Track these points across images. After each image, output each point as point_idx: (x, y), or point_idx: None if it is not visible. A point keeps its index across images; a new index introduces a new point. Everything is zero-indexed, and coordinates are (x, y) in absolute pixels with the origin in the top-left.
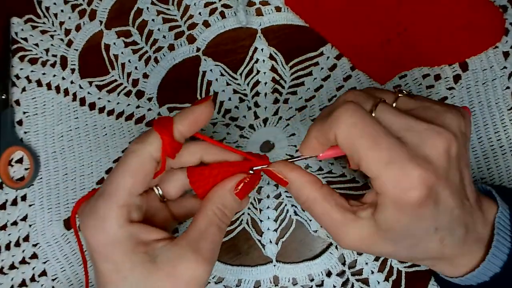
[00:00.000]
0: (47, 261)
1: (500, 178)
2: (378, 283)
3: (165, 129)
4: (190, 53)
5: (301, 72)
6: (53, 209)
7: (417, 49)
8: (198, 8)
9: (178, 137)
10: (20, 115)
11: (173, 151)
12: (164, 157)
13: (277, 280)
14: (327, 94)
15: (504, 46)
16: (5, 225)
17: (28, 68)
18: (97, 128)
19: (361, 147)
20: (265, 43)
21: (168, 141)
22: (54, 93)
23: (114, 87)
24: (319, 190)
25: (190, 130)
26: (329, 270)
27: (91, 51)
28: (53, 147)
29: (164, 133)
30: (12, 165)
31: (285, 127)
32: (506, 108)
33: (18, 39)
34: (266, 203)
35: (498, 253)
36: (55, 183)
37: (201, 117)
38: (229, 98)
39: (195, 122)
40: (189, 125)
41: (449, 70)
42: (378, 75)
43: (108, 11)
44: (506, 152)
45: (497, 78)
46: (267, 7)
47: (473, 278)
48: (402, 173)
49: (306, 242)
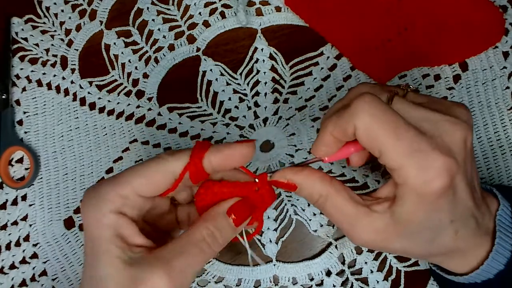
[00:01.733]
0: (47, 260)
1: (500, 178)
2: (377, 282)
3: (197, 152)
4: (190, 53)
5: (301, 72)
6: (53, 209)
7: (417, 49)
8: (198, 8)
9: (206, 165)
10: (20, 115)
11: (194, 176)
12: (181, 177)
13: (277, 279)
14: (327, 94)
15: (504, 46)
16: (6, 225)
17: (28, 68)
18: (97, 128)
19: (383, 137)
20: (265, 43)
21: (194, 163)
22: (55, 93)
23: (114, 87)
24: (330, 185)
25: (221, 164)
26: (328, 270)
27: (92, 51)
28: (53, 147)
29: (195, 154)
30: (13, 165)
31: (285, 127)
32: (506, 108)
33: (19, 39)
34: None
35: (502, 249)
36: (55, 183)
37: (236, 155)
38: (229, 98)
39: (229, 158)
40: (221, 159)
41: (449, 70)
42: (378, 75)
43: (108, 11)
44: (506, 152)
45: (497, 78)
46: (267, 7)
47: (478, 276)
48: (426, 162)
49: (306, 241)
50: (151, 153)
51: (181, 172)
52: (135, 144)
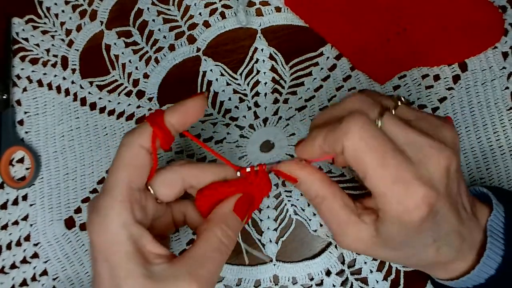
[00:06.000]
0: (48, 260)
1: (499, 178)
2: (377, 282)
3: (155, 120)
4: (191, 53)
5: (301, 72)
6: (54, 208)
7: (417, 49)
8: (199, 8)
9: (169, 127)
10: (21, 115)
11: (164, 142)
12: (154, 146)
13: (277, 279)
14: (326, 94)
15: (503, 46)
16: (6, 225)
17: (29, 68)
18: (97, 128)
19: (369, 163)
20: (265, 43)
21: (158, 131)
22: (55, 93)
23: (114, 87)
24: (328, 188)
25: (180, 122)
26: (328, 269)
27: (92, 51)
28: (54, 147)
29: (154, 123)
30: (13, 165)
31: (285, 127)
32: (505, 109)
33: (19, 40)
34: (266, 202)
35: (493, 255)
36: (56, 182)
37: (191, 110)
38: (229, 98)
39: (185, 116)
40: (178, 118)
41: (448, 71)
42: (377, 75)
43: (108, 11)
44: (505, 153)
45: (496, 78)
46: (267, 8)
47: (469, 281)
48: (406, 193)
49: (306, 241)
50: None
51: (151, 144)
52: None
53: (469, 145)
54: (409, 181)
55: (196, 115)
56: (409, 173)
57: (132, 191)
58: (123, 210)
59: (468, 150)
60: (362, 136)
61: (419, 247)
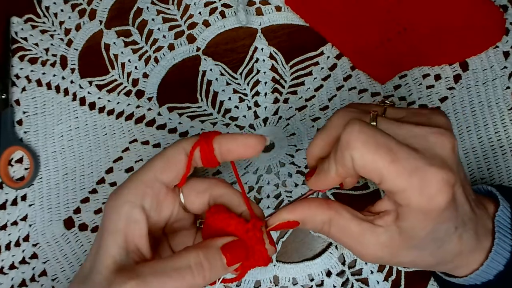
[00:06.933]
0: (47, 261)
1: (500, 178)
2: (377, 283)
3: (207, 134)
4: (190, 53)
5: (301, 72)
6: (53, 209)
7: (417, 49)
8: (198, 7)
9: (216, 147)
10: (20, 114)
11: (204, 156)
12: (192, 152)
13: (277, 279)
14: (327, 94)
15: (504, 45)
16: (5, 225)
17: (28, 67)
18: (97, 127)
19: (380, 162)
20: (265, 43)
21: (202, 142)
22: (54, 92)
23: (114, 87)
24: (329, 209)
25: (229, 149)
26: (329, 270)
27: (91, 51)
28: (53, 147)
29: (204, 135)
30: (12, 165)
31: (285, 127)
32: (507, 108)
33: (18, 39)
34: (266, 203)
35: (501, 250)
36: (55, 183)
37: (245, 145)
38: (229, 98)
39: (237, 146)
40: (230, 143)
41: (449, 70)
42: (378, 75)
43: (108, 10)
44: (506, 152)
45: (498, 78)
46: (267, 7)
47: (477, 277)
48: (425, 180)
49: (306, 242)
50: (151, 153)
51: (190, 150)
52: (135, 144)
53: (470, 144)
54: (425, 169)
55: (248, 153)
56: (421, 161)
57: (155, 182)
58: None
59: (469, 150)
60: (364, 140)
61: (443, 237)
